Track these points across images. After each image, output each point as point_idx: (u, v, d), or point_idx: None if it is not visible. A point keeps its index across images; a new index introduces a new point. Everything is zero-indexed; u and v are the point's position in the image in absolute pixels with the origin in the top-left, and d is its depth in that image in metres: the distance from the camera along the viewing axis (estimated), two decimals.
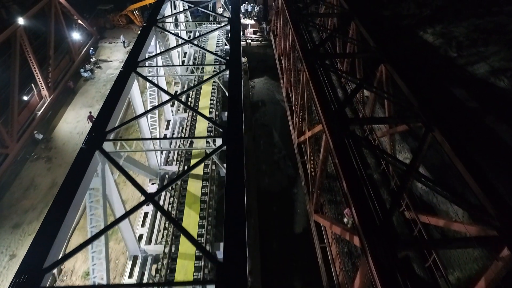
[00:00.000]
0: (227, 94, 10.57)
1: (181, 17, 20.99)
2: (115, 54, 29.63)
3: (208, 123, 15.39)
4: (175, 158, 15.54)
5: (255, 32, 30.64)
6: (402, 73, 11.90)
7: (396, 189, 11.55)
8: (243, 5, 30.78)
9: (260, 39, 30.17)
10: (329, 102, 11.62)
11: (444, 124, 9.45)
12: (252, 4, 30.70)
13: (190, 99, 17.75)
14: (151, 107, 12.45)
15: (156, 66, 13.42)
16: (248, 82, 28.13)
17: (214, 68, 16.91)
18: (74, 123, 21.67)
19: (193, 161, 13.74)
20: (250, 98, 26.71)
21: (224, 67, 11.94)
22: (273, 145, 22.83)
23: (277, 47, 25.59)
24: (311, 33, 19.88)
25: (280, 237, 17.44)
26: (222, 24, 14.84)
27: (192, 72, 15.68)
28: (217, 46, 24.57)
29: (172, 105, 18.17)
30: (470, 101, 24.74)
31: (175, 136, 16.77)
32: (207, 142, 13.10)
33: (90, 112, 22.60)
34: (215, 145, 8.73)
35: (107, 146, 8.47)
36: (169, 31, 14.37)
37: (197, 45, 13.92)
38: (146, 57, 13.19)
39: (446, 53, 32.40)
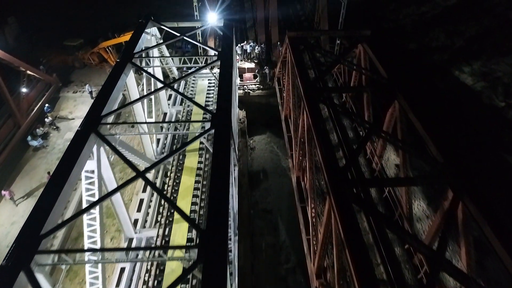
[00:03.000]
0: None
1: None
2: (79, 108, 24.75)
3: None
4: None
5: (255, 77, 25.80)
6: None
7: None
8: (240, 45, 25.99)
9: (261, 87, 25.30)
10: None
11: None
12: (251, 44, 25.90)
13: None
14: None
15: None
16: (247, 144, 23.15)
17: None
18: (7, 226, 16.63)
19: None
20: (248, 169, 21.70)
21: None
22: (279, 247, 17.86)
23: (284, 107, 20.66)
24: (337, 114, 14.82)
25: None
26: (205, 128, 10.26)
27: None
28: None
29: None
30: None
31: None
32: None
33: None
34: None
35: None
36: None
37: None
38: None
39: (490, 101, 27.56)
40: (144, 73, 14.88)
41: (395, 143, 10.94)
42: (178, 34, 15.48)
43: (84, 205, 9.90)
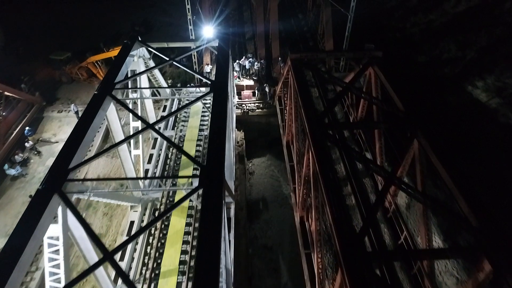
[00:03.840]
0: None
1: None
2: (64, 130, 23.21)
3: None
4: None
5: (254, 94, 24.32)
6: None
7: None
8: (238, 61, 24.50)
9: (261, 105, 23.81)
10: None
11: None
12: (250, 59, 24.39)
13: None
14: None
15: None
16: (245, 169, 21.61)
17: None
18: None
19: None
20: (246, 197, 20.15)
21: None
22: None
23: (286, 131, 19.17)
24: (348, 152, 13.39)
25: None
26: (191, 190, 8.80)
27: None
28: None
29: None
30: None
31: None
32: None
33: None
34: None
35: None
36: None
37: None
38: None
39: (508, 120, 26.05)
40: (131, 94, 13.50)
41: (416, 196, 9.37)
42: (167, 58, 13.98)
43: (47, 280, 8.40)
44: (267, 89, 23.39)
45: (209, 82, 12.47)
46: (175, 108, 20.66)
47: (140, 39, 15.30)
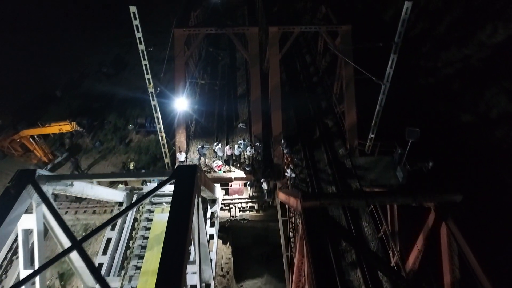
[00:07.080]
0: None
1: None
2: None
3: None
4: None
5: (246, 185, 18.14)
6: None
7: None
8: (219, 146, 18.27)
9: (256, 206, 17.63)
10: None
11: None
12: (242, 141, 18.07)
13: None
14: None
15: None
16: None
17: None
18: None
19: None
20: None
21: None
22: None
23: (293, 284, 12.90)
24: None
25: None
26: None
27: None
28: None
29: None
30: None
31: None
32: None
33: None
34: None
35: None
36: None
37: None
38: None
39: None
40: None
41: None
42: None
43: None
44: (265, 186, 17.10)
45: None
46: (130, 221, 14.46)
47: (38, 173, 9.04)
